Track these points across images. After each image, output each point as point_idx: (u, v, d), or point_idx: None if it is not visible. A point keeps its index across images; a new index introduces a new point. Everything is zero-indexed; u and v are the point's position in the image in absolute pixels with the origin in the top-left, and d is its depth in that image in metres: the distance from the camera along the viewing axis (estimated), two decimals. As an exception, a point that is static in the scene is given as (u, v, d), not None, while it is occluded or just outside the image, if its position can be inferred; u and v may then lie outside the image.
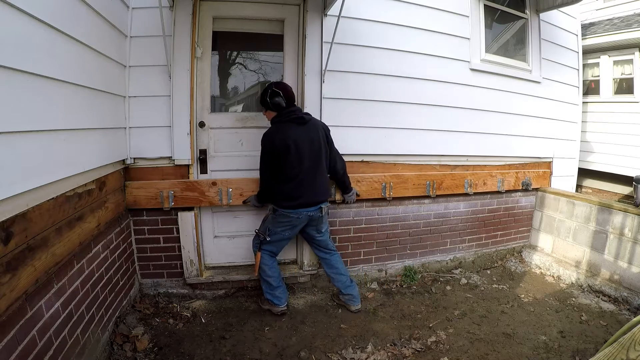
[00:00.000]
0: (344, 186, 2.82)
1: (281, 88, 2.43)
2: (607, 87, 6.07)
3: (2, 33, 1.26)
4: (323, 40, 2.76)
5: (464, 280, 3.28)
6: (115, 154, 2.36)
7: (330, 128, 2.89)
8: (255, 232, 2.62)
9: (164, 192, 2.61)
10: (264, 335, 2.38)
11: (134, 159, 2.58)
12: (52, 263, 1.60)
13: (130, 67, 2.49)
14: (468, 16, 3.23)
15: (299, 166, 2.42)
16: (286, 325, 2.51)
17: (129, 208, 2.60)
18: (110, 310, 2.21)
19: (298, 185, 2.45)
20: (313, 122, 2.53)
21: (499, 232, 3.72)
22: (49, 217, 1.58)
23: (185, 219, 2.70)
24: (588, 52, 5.86)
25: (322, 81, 2.80)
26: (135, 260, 2.71)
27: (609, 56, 5.96)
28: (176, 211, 2.68)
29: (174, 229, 2.71)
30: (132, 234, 2.66)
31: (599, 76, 6.17)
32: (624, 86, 5.94)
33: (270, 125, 2.52)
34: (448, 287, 3.15)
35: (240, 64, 3.13)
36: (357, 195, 2.95)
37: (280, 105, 2.43)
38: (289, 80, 2.86)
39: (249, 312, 2.68)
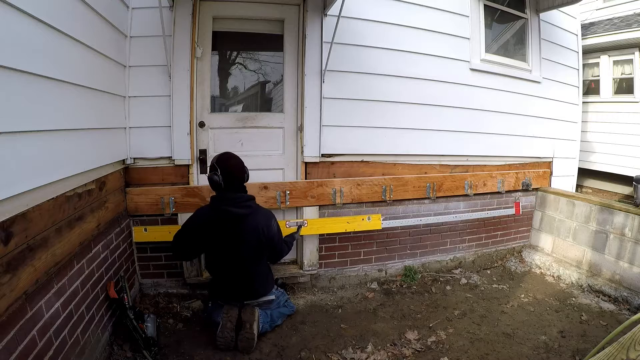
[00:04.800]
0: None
1: (222, 162, 2.19)
2: (607, 87, 6.06)
3: (2, 33, 1.26)
4: (323, 40, 2.76)
5: (464, 280, 3.28)
6: (115, 154, 2.36)
7: (330, 128, 2.88)
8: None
9: (164, 199, 2.61)
10: (264, 335, 2.37)
11: (134, 159, 2.58)
12: (52, 263, 1.60)
13: (130, 67, 2.49)
14: (468, 16, 3.23)
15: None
16: (286, 325, 2.51)
17: (131, 215, 2.60)
18: (111, 311, 2.21)
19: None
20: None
21: (499, 232, 3.72)
22: (49, 217, 1.58)
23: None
24: (588, 52, 5.86)
25: (322, 81, 2.80)
26: (135, 260, 2.71)
27: (609, 56, 5.96)
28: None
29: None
30: (132, 234, 2.65)
31: (599, 76, 6.16)
32: (624, 86, 5.94)
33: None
34: (448, 287, 3.15)
35: (240, 64, 3.13)
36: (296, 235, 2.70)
37: (217, 184, 2.19)
38: (289, 80, 2.86)
39: (249, 312, 2.67)
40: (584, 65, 5.43)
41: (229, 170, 2.20)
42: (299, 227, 2.74)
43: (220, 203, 2.20)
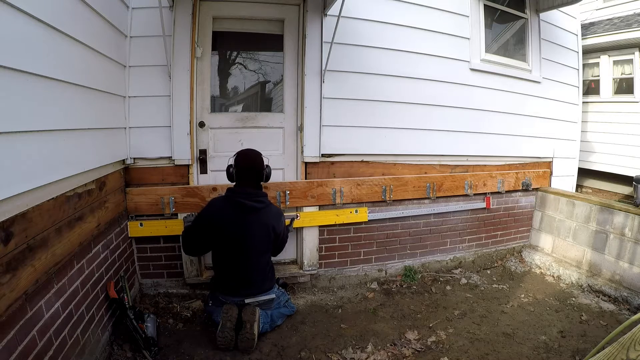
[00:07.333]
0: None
1: (237, 158, 2.34)
2: (607, 87, 6.07)
3: (2, 33, 1.26)
4: (323, 40, 2.76)
5: (464, 280, 3.28)
6: (115, 154, 2.36)
7: (330, 128, 2.88)
8: None
9: (164, 199, 2.61)
10: (264, 335, 2.37)
11: (134, 159, 2.58)
12: (52, 263, 1.60)
13: (130, 67, 2.49)
14: (468, 16, 3.23)
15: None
16: (286, 325, 2.51)
17: (131, 214, 2.60)
18: (111, 311, 2.21)
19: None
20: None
21: (499, 232, 3.72)
22: (49, 217, 1.58)
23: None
24: (588, 52, 5.86)
25: (322, 81, 2.80)
26: (135, 260, 2.71)
27: (609, 56, 5.96)
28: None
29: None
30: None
31: (599, 76, 6.17)
32: (624, 86, 5.94)
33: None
34: (448, 287, 3.15)
35: (240, 64, 3.13)
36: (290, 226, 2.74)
37: (231, 176, 2.35)
38: (289, 80, 2.87)
39: (249, 312, 2.67)
40: (584, 65, 5.43)
41: (240, 166, 2.33)
42: (292, 220, 2.79)
43: (234, 195, 2.30)
